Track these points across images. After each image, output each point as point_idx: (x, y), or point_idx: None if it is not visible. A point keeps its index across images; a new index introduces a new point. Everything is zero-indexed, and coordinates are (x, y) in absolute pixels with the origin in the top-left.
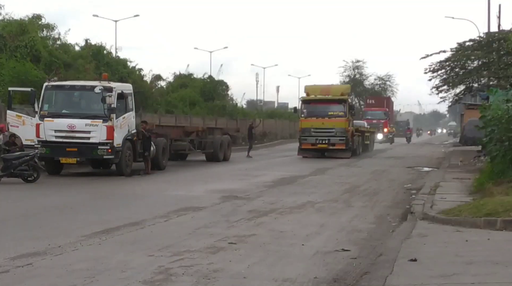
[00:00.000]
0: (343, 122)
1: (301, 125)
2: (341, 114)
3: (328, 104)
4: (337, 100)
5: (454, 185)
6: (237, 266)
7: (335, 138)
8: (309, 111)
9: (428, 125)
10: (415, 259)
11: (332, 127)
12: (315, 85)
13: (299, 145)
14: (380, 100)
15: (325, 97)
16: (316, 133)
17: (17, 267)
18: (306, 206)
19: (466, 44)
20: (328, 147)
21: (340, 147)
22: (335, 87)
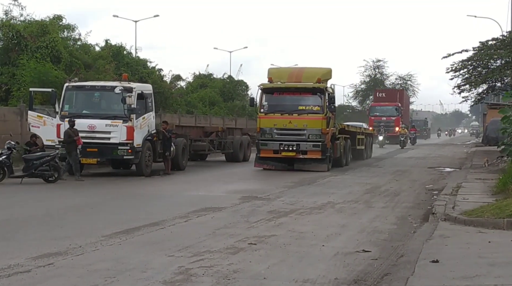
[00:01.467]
0: (319, 120)
1: (260, 124)
2: (317, 109)
3: (299, 94)
4: (312, 89)
5: (476, 185)
6: (257, 266)
7: (307, 143)
8: (272, 105)
9: (450, 125)
10: (436, 260)
11: (302, 128)
12: (281, 68)
13: (257, 151)
14: (391, 94)
15: (294, 85)
16: (280, 136)
17: (39, 266)
18: (326, 206)
19: (489, 43)
20: (297, 155)
21: (314, 156)
22: (309, 71)
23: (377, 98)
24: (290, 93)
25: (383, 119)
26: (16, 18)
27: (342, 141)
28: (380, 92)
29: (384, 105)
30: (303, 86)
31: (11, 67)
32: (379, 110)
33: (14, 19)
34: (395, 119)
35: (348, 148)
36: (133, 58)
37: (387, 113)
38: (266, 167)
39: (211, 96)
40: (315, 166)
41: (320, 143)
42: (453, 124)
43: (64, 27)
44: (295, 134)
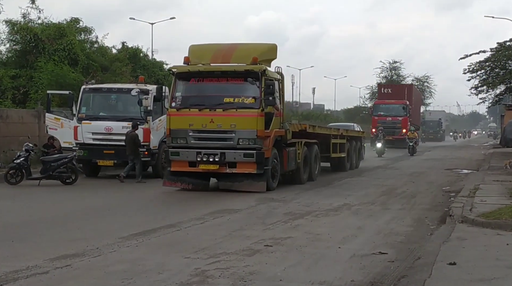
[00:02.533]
0: (254, 118)
1: (170, 124)
2: (250, 102)
3: (226, 81)
4: (244, 73)
5: (494, 187)
6: (273, 268)
7: (235, 151)
8: (187, 97)
9: (467, 126)
10: (454, 262)
11: (230, 130)
12: (205, 45)
13: (167, 163)
14: (399, 90)
15: (218, 68)
16: (198, 141)
17: (56, 268)
18: (343, 208)
19: (506, 44)
20: (222, 169)
21: (246, 169)
22: (243, 49)
23: (382, 95)
24: (213, 80)
25: (388, 120)
26: (34, 21)
27: (301, 149)
28: (385, 88)
29: (390, 103)
30: (231, 69)
31: (29, 70)
32: (384, 109)
33: (32, 22)
34: (402, 120)
35: (315, 157)
36: (149, 61)
37: (393, 113)
38: (180, 185)
39: None
40: (248, 185)
41: (254, 151)
42: (470, 126)
43: (81, 29)
44: (219, 138)
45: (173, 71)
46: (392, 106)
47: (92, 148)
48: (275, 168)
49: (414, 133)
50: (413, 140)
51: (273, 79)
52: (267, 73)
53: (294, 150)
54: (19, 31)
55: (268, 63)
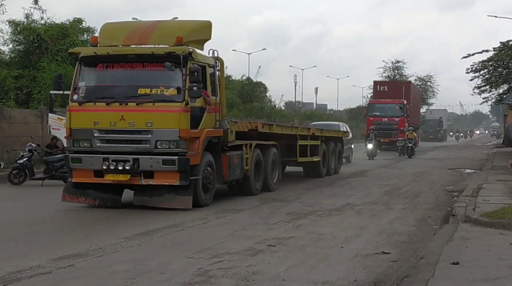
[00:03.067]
0: (176, 114)
1: (70, 122)
2: (171, 94)
3: (141, 67)
4: (163, 57)
5: (497, 187)
6: (276, 268)
7: (152, 158)
8: (92, 88)
9: (470, 126)
10: (457, 262)
11: (146, 129)
12: (120, 23)
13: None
14: (395, 87)
15: (130, 50)
16: (105, 143)
17: (59, 268)
18: (345, 208)
19: (509, 43)
20: (134, 180)
21: (167, 180)
22: (165, 27)
23: (377, 93)
24: (125, 66)
25: (384, 121)
26: (37, 22)
27: (250, 152)
28: (381, 85)
29: (385, 103)
30: (147, 51)
31: (32, 70)
32: (379, 109)
33: (35, 23)
34: (399, 121)
35: (272, 162)
36: None
37: (389, 113)
38: (84, 200)
39: (229, 98)
40: (170, 200)
41: (176, 156)
42: (473, 125)
43: (84, 30)
44: (131, 140)
45: (75, 54)
46: (388, 106)
47: None
48: (208, 178)
49: (413, 133)
50: (412, 141)
51: (205, 64)
52: (195, 56)
53: (239, 154)
54: (22, 32)
55: (199, 45)
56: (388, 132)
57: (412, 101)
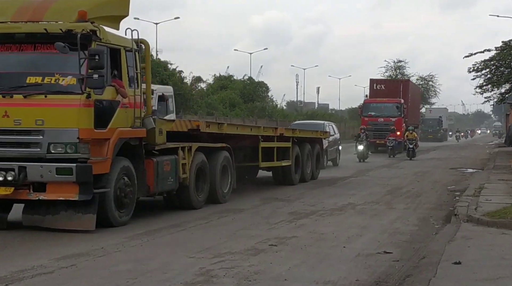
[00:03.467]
0: (74, 109)
1: None
2: (69, 83)
3: (32, 50)
4: (60, 37)
5: (499, 186)
6: (278, 268)
7: (42, 166)
8: None
9: (472, 125)
10: (459, 262)
11: (35, 129)
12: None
13: None
14: (393, 86)
15: (18, 28)
16: None
17: (62, 268)
18: (347, 207)
19: (511, 42)
20: (20, 194)
21: (62, 194)
22: (65, 1)
23: (374, 92)
24: (12, 48)
25: (380, 121)
26: None
27: (189, 157)
28: (378, 84)
29: (381, 102)
30: (39, 29)
31: None
32: (375, 109)
33: None
34: (396, 121)
35: (222, 168)
36: (154, 61)
37: (385, 113)
38: None
39: (231, 98)
40: (67, 219)
41: (75, 163)
42: (475, 125)
43: None
44: (16, 142)
45: None
46: (384, 106)
47: None
48: (124, 190)
49: (413, 133)
50: (413, 141)
51: (119, 47)
52: (103, 36)
53: (171, 160)
54: None
55: (113, 23)
56: (384, 133)
57: (410, 100)
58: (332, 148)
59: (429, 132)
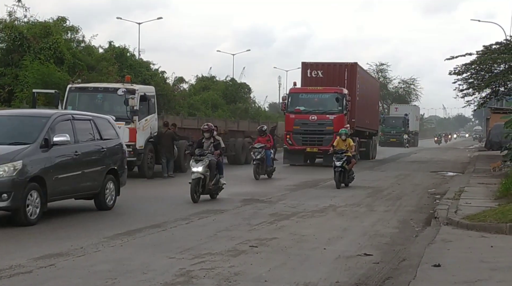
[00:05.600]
0: None
1: None
2: None
3: None
4: None
5: (479, 190)
6: (258, 269)
7: None
8: None
9: (453, 129)
10: (438, 264)
11: None
12: None
13: None
14: (335, 72)
15: None
16: None
17: (40, 267)
18: (328, 209)
19: (492, 47)
20: None
21: None
22: None
23: (308, 81)
24: None
25: (312, 119)
26: (20, 20)
27: None
28: (313, 69)
29: (314, 92)
30: None
31: (14, 68)
32: (305, 102)
33: (18, 21)
34: (335, 119)
35: None
36: (136, 60)
37: (320, 108)
38: None
39: (213, 99)
40: None
41: None
42: (456, 128)
43: (67, 28)
44: None
45: None
46: (319, 97)
47: None
48: None
49: (348, 141)
50: (343, 156)
51: None
52: None
53: None
54: (4, 30)
55: None
56: (317, 138)
57: (360, 92)
58: None
59: (391, 134)
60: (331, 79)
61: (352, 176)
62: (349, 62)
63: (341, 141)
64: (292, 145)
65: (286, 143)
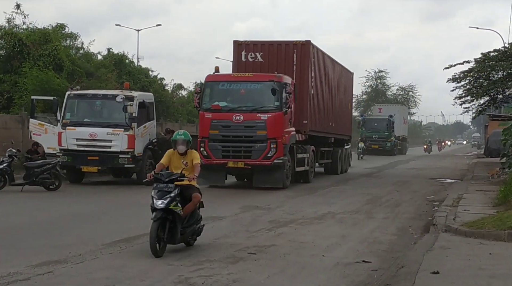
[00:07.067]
0: None
1: None
2: None
3: None
4: None
5: (477, 197)
6: (257, 276)
7: None
8: None
9: (452, 136)
10: (437, 271)
11: None
12: None
13: None
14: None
15: None
16: None
17: (38, 275)
18: (327, 216)
19: (490, 54)
20: None
21: None
22: None
23: (241, 65)
24: None
25: (237, 120)
26: (19, 26)
27: None
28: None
29: (241, 80)
30: None
31: (13, 75)
32: (228, 95)
33: (17, 27)
34: (270, 120)
35: None
36: (135, 67)
37: (248, 104)
38: None
39: None
40: None
41: None
42: (454, 136)
43: (66, 35)
44: None
45: None
46: (247, 88)
47: (76, 154)
48: None
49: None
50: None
51: None
52: None
53: None
54: (3, 36)
55: None
56: (244, 147)
57: (318, 83)
58: None
59: (373, 140)
60: (274, 65)
61: (197, 228)
62: (299, 40)
63: (177, 156)
64: (208, 158)
65: (200, 154)
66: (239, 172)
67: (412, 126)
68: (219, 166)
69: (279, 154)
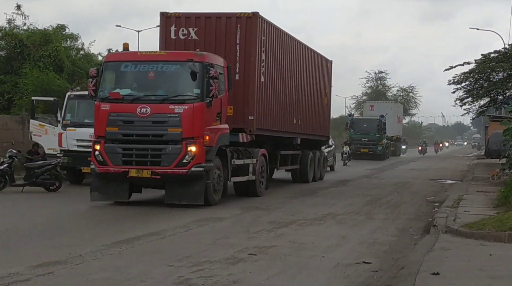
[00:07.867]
0: None
1: None
2: None
3: None
4: None
5: (478, 198)
6: (257, 277)
7: None
8: None
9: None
10: (437, 272)
11: None
12: None
13: None
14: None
15: None
16: None
17: (38, 275)
18: (327, 217)
19: (491, 55)
20: None
21: None
22: None
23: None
24: None
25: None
26: (19, 27)
27: None
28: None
29: (149, 60)
30: None
31: (13, 76)
32: (132, 79)
33: (17, 28)
34: (186, 113)
35: None
36: None
37: (159, 92)
38: None
39: None
40: None
41: None
42: (454, 137)
43: (67, 36)
44: None
45: None
46: (157, 70)
47: (76, 154)
48: None
49: None
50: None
51: None
52: None
53: None
54: (4, 37)
55: None
56: (152, 150)
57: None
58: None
59: (362, 143)
60: (212, 43)
61: None
62: (244, 12)
63: None
64: (105, 164)
65: (93, 160)
66: (147, 183)
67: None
68: (119, 175)
69: (199, 159)
